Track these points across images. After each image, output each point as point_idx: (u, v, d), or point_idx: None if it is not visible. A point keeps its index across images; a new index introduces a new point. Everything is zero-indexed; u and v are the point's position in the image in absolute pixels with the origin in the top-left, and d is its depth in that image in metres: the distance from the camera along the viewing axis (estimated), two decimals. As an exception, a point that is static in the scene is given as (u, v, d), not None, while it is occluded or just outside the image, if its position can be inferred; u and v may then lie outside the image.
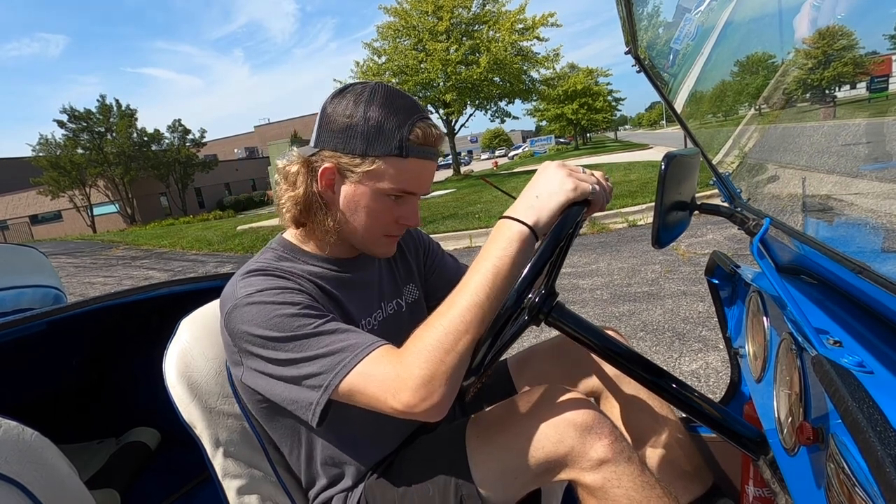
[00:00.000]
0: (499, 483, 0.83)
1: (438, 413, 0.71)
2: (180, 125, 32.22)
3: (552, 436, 0.79)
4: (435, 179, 0.92)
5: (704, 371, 2.56)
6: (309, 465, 0.93)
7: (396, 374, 0.70)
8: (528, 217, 0.73)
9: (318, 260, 0.91)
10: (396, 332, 1.00)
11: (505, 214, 0.75)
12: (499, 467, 0.82)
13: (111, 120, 29.68)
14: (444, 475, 0.85)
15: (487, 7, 20.14)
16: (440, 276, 1.14)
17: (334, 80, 20.95)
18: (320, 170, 0.82)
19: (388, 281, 1.03)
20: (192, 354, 0.95)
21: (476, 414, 0.94)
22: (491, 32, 19.54)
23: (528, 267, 0.73)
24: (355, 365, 0.73)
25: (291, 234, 0.93)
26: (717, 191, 1.20)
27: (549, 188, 0.74)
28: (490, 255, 0.72)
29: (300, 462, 0.93)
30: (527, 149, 63.47)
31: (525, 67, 20.78)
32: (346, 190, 0.84)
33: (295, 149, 0.87)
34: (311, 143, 0.85)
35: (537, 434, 0.80)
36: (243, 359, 0.80)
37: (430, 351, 0.69)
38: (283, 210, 0.87)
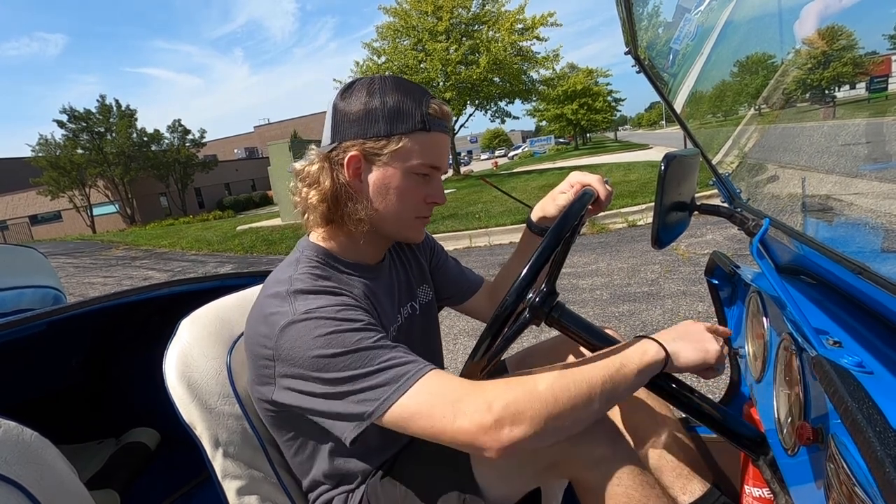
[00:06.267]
0: (500, 481, 0.83)
1: (503, 453, 0.65)
2: (180, 125, 32.20)
3: None
4: (434, 180, 0.92)
5: (704, 371, 2.56)
6: (310, 467, 0.93)
7: (470, 395, 0.67)
8: (669, 346, 0.77)
9: (349, 267, 0.90)
10: (411, 336, 1.00)
11: (646, 335, 0.80)
12: (500, 465, 0.82)
13: (111, 120, 29.64)
14: (446, 474, 0.85)
15: (487, 7, 20.13)
16: (442, 277, 1.15)
17: (334, 80, 20.97)
18: (346, 159, 0.82)
19: (404, 284, 1.03)
20: (192, 355, 0.95)
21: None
22: (490, 32, 19.53)
23: (527, 266, 0.73)
24: (418, 379, 0.70)
25: (318, 237, 0.90)
26: (716, 191, 1.20)
27: (694, 339, 0.79)
28: (621, 355, 0.75)
29: (302, 463, 0.93)
30: (526, 149, 63.51)
31: (525, 67, 20.78)
32: (374, 176, 0.83)
33: (314, 147, 0.86)
34: (328, 141, 0.85)
35: None
36: (282, 375, 0.76)
37: (532, 392, 0.67)
38: (310, 209, 0.86)
